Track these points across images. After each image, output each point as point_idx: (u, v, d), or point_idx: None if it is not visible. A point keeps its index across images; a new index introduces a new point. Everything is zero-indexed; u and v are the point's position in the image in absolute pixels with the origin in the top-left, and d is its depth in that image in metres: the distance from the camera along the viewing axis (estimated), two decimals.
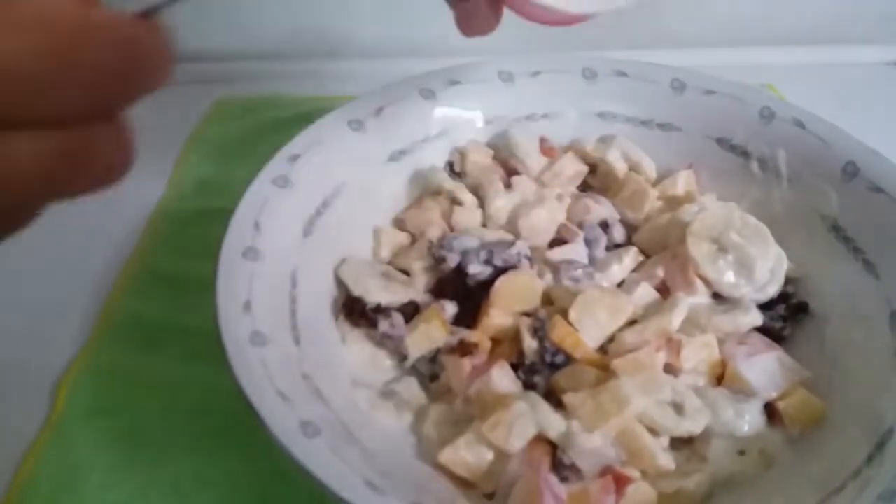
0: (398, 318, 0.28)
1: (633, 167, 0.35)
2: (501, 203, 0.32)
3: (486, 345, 0.28)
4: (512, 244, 0.29)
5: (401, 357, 0.28)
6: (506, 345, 0.28)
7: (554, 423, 0.24)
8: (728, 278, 0.29)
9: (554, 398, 0.26)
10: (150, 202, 0.40)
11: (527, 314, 0.28)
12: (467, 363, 0.26)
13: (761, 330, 0.29)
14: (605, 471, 0.24)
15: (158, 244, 0.37)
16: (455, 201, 0.33)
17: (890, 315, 0.28)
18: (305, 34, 0.51)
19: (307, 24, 0.51)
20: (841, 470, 0.24)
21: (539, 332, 0.27)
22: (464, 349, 0.27)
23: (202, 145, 0.44)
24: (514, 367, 0.27)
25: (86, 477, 0.27)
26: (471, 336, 0.27)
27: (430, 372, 0.28)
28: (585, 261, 0.31)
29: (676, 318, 0.27)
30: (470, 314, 0.29)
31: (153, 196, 0.40)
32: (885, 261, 0.29)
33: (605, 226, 0.32)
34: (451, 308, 0.29)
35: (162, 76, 0.13)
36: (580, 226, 0.32)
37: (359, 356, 0.29)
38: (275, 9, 0.50)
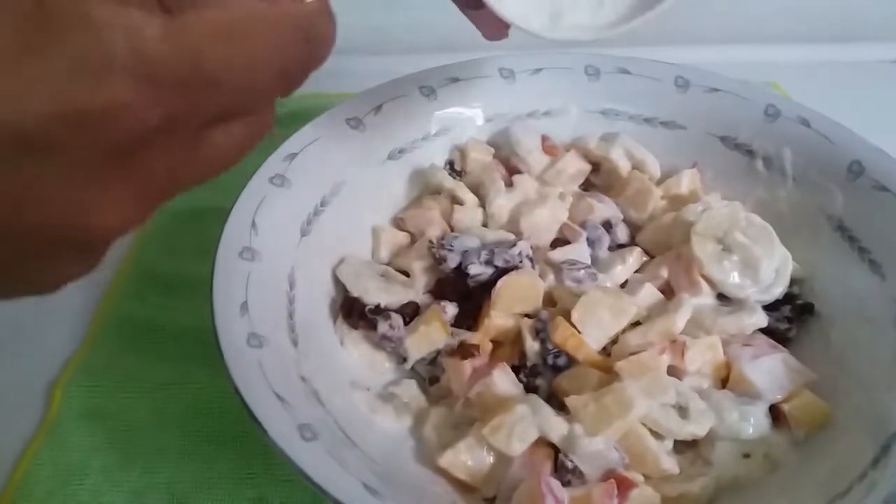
0: (397, 319, 0.28)
1: (637, 166, 0.34)
2: (502, 202, 0.32)
3: (487, 347, 0.27)
4: (513, 244, 0.29)
5: (400, 359, 0.28)
6: (507, 346, 0.28)
7: (556, 427, 0.24)
8: (733, 279, 0.29)
9: (556, 401, 0.25)
10: None
11: (528, 315, 0.28)
12: (468, 366, 0.26)
13: (766, 331, 0.29)
14: (608, 474, 0.24)
15: (153, 244, 0.36)
16: (455, 200, 0.32)
17: None
18: None
19: None
20: (846, 473, 0.24)
21: (541, 333, 0.26)
22: (464, 351, 0.26)
23: None
24: (516, 370, 0.27)
25: (81, 480, 0.27)
26: (471, 338, 0.27)
27: (429, 374, 0.28)
28: (588, 261, 0.30)
29: (681, 320, 0.27)
30: (470, 315, 0.29)
31: None
32: (890, 261, 0.29)
33: (608, 225, 0.32)
34: (451, 309, 0.29)
35: (329, 51, 0.14)
36: (583, 225, 0.31)
37: (358, 358, 0.28)
38: None
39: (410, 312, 0.28)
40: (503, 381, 0.26)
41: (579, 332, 0.26)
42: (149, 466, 0.27)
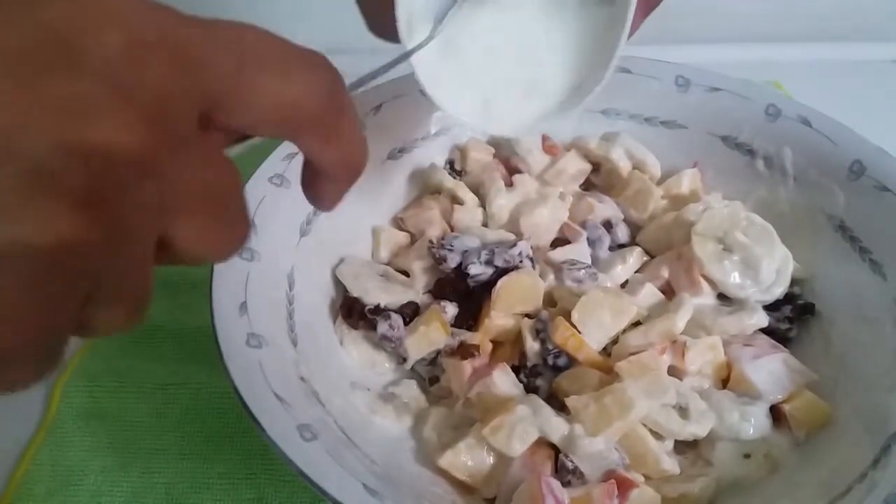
0: (397, 319, 0.28)
1: (638, 165, 0.34)
2: (503, 202, 0.31)
3: (487, 347, 0.27)
4: (513, 244, 0.29)
5: (400, 359, 0.28)
6: (507, 347, 0.28)
7: (556, 427, 0.24)
8: (733, 279, 0.28)
9: (556, 401, 0.25)
10: None
11: (528, 315, 0.28)
12: (468, 366, 0.26)
13: (767, 331, 0.29)
14: (609, 475, 0.24)
15: None
16: (455, 200, 0.32)
17: None
18: (302, 30, 0.50)
19: (303, 20, 0.50)
20: (847, 473, 0.24)
21: (541, 333, 0.26)
22: (464, 351, 0.26)
23: None
24: (516, 370, 0.27)
25: (80, 480, 0.27)
26: (471, 338, 0.27)
27: (429, 375, 0.28)
28: (588, 261, 0.30)
29: (681, 320, 0.27)
30: (470, 315, 0.28)
31: None
32: (891, 261, 0.29)
33: (608, 225, 0.32)
34: (451, 309, 0.28)
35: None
36: (583, 225, 0.31)
37: (357, 358, 0.28)
38: (271, 6, 0.49)
39: (410, 312, 0.28)
40: (503, 381, 0.26)
41: (579, 333, 0.26)
42: (148, 466, 0.27)
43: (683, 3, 0.50)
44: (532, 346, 0.26)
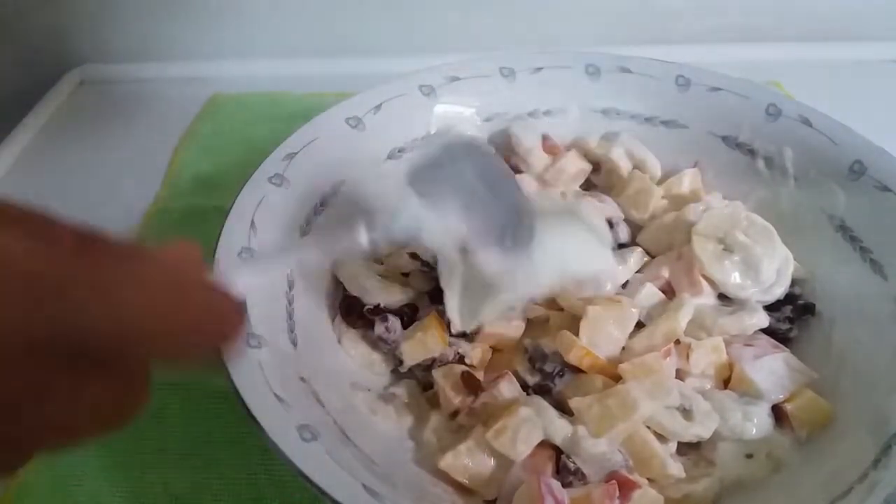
0: (395, 322, 0.27)
1: (638, 165, 0.34)
2: None
3: (487, 355, 0.27)
4: None
5: (396, 360, 0.28)
6: (507, 353, 0.28)
7: (560, 429, 0.24)
8: (734, 279, 0.28)
9: (560, 403, 0.25)
10: (146, 200, 0.39)
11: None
12: (455, 400, 0.26)
13: (767, 331, 0.28)
14: (611, 476, 0.24)
15: (152, 244, 0.36)
16: None
17: None
18: (302, 31, 0.51)
19: (304, 21, 0.50)
20: (848, 473, 0.24)
21: (537, 363, 0.26)
22: (471, 385, 0.26)
23: (197, 143, 0.43)
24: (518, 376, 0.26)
25: (80, 480, 0.27)
26: (471, 351, 0.27)
27: (424, 380, 0.28)
28: None
29: (682, 320, 0.27)
30: None
31: (148, 194, 0.39)
32: (892, 261, 0.29)
33: (609, 225, 0.31)
34: None
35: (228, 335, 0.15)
36: None
37: (356, 358, 0.28)
38: (271, 6, 0.49)
39: (409, 312, 0.28)
40: (510, 390, 0.26)
41: (593, 353, 0.26)
42: (148, 467, 0.27)
43: (684, 3, 0.50)
44: (533, 378, 0.26)
